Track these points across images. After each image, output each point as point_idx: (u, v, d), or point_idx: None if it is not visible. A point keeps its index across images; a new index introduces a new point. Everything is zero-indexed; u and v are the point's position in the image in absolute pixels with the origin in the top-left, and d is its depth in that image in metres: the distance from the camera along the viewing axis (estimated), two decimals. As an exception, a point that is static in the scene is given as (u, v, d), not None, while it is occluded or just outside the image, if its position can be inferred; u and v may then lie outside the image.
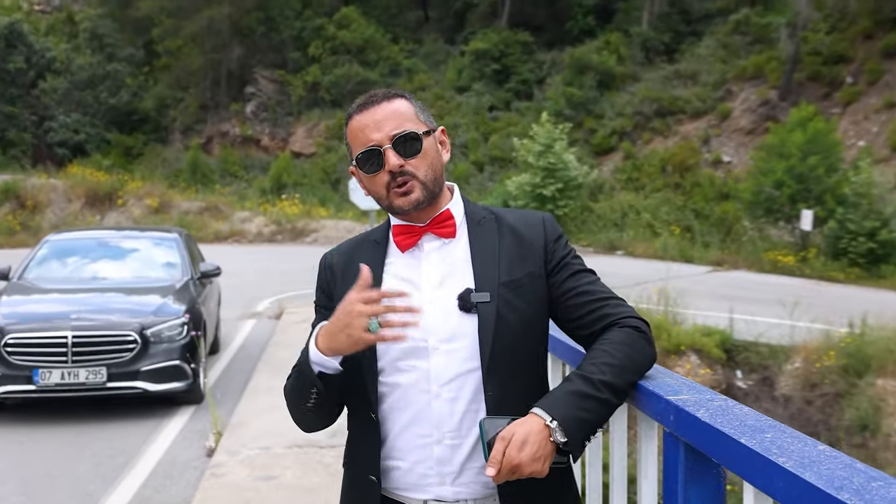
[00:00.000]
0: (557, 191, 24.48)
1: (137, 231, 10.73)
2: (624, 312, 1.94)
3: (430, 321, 1.94)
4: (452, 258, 2.01)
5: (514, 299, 1.95)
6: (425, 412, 1.93)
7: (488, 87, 34.42)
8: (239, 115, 37.04)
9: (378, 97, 2.00)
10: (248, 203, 28.82)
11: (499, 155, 30.67)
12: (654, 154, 28.56)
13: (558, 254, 2.02)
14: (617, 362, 1.83)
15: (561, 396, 1.78)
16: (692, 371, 12.42)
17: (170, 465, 6.64)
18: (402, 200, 1.96)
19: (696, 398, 1.72)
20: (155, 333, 7.88)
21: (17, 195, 28.08)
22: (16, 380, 7.49)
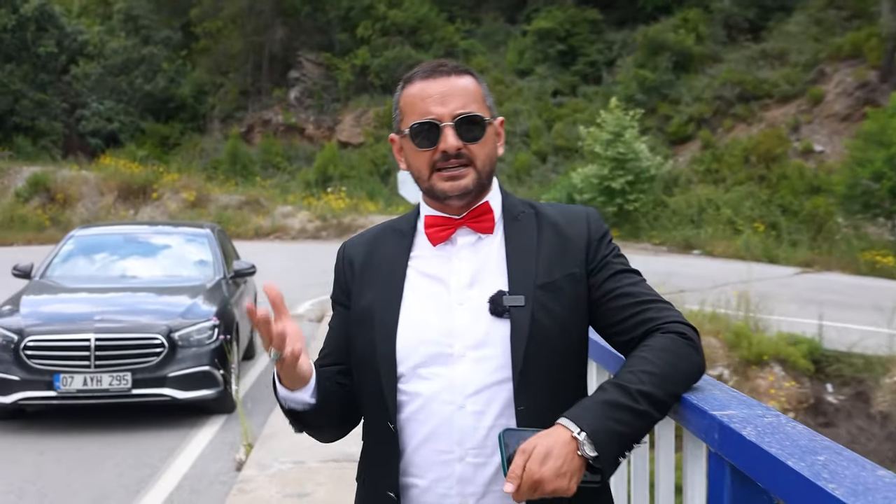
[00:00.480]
0: (627, 183, 24.32)
1: (167, 226, 10.89)
2: (669, 317, 1.90)
3: (457, 325, 1.92)
4: (486, 256, 1.99)
5: (552, 303, 1.92)
6: (447, 426, 1.90)
7: (552, 69, 34.24)
8: (282, 101, 37.42)
9: (447, 68, 1.99)
10: (290, 197, 29.12)
11: (563, 144, 30.53)
12: (736, 143, 28.21)
13: (600, 253, 1.99)
14: (658, 371, 1.78)
15: (592, 406, 1.74)
16: (776, 383, 12.27)
17: (197, 478, 6.72)
18: (449, 185, 1.95)
19: (745, 414, 1.66)
20: (183, 337, 7.98)
21: (47, 188, 28.80)
22: (36, 385, 7.66)
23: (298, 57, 38.15)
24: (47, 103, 37.82)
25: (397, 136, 2.05)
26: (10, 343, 7.72)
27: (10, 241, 25.81)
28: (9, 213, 27.83)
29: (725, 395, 1.80)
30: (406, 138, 1.99)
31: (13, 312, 8.09)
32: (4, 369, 7.70)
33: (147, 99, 38.54)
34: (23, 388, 7.68)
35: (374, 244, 2.10)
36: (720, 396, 1.79)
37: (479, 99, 1.99)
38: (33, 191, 28.85)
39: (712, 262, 20.98)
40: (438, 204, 2.02)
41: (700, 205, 25.70)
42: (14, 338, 7.73)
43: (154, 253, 9.87)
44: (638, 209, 24.83)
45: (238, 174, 32.07)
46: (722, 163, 27.75)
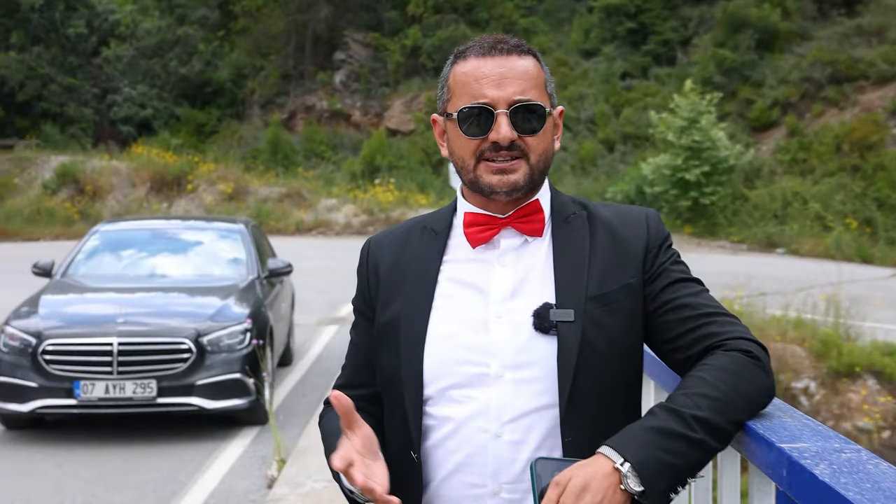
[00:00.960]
0: (703, 175, 24.13)
1: (197, 221, 10.96)
2: (733, 332, 1.80)
3: (495, 341, 1.85)
4: (532, 262, 1.91)
5: (605, 318, 1.84)
6: (480, 456, 1.83)
7: (621, 50, 33.96)
8: (326, 86, 37.61)
9: (507, 45, 1.91)
10: (335, 189, 29.26)
11: (632, 132, 30.32)
12: (826, 130, 27.82)
13: (659, 260, 1.90)
14: (718, 394, 1.69)
15: (639, 433, 1.66)
16: (869, 398, 12.11)
17: (225, 496, 6.73)
18: (497, 179, 1.87)
19: (819, 447, 1.56)
20: (212, 341, 8.01)
21: (76, 179, 29.30)
22: (55, 393, 7.74)
23: (344, 37, 38.29)
24: (77, 88, 38.48)
25: (441, 118, 1.98)
26: (27, 347, 7.81)
27: (37, 236, 26.33)
28: (35, 205, 28.37)
29: (797, 424, 1.70)
30: (452, 122, 1.91)
31: (31, 314, 8.19)
32: (22, 375, 7.79)
33: (182, 83, 39.01)
34: (41, 396, 7.76)
35: (402, 244, 2.02)
36: (791, 425, 1.69)
37: (541, 84, 1.91)
38: (61, 182, 29.36)
39: (798, 262, 20.77)
40: (481, 200, 1.93)
41: (785, 198, 25.38)
42: (32, 341, 7.82)
43: (183, 250, 9.93)
44: (715, 203, 24.58)
45: (279, 164, 32.31)
46: (810, 152, 27.38)
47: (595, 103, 32.10)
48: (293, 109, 37.45)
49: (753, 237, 23.97)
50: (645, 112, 28.90)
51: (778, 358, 12.31)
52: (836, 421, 11.91)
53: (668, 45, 33.85)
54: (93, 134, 38.37)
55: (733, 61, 30.55)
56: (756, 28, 31.18)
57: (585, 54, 34.80)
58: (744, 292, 14.54)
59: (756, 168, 26.96)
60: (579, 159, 30.02)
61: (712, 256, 21.66)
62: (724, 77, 30.40)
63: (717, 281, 15.75)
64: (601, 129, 31.26)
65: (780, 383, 11.98)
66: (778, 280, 17.12)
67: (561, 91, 33.09)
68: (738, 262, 19.73)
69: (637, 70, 33.55)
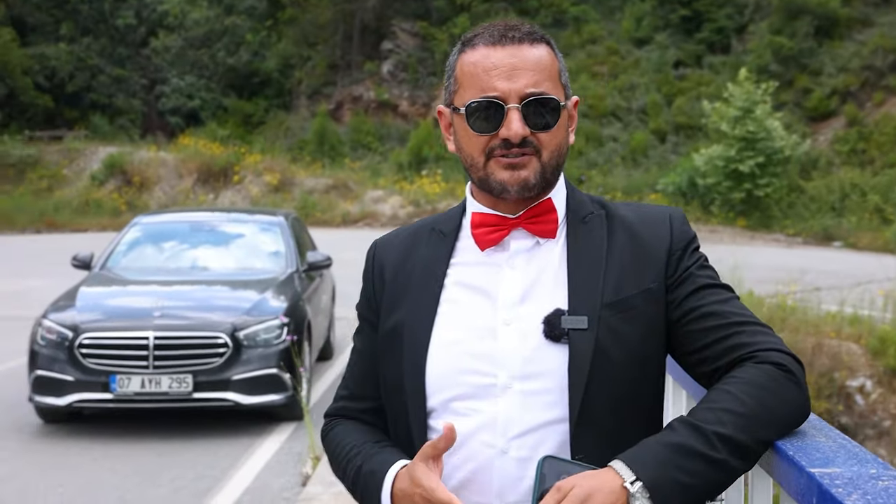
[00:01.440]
0: (758, 166, 24.02)
1: (238, 213, 10.97)
2: (765, 343, 1.68)
3: (502, 349, 1.74)
4: (544, 265, 1.81)
5: (622, 327, 1.73)
6: (485, 473, 1.73)
7: (674, 38, 33.79)
8: (374, 76, 37.68)
9: (519, 33, 1.79)
10: (382, 180, 29.33)
11: (685, 122, 30.16)
12: (887, 119, 27.62)
13: (683, 263, 1.78)
14: (745, 410, 1.57)
15: (655, 449, 1.55)
16: None
17: (259, 493, 6.69)
18: (508, 175, 1.76)
19: (853, 473, 1.42)
20: (249, 336, 7.97)
21: (124, 170, 29.65)
22: (91, 387, 7.74)
23: (392, 27, 38.34)
24: (125, 79, 38.95)
25: (447, 110, 1.86)
26: (64, 340, 7.83)
27: (85, 227, 26.67)
28: (84, 196, 28.77)
29: (833, 445, 1.56)
30: (460, 116, 1.80)
31: (68, 307, 8.21)
32: (59, 369, 7.80)
33: (230, 74, 39.34)
34: (77, 390, 7.77)
35: (409, 247, 1.92)
36: (825, 446, 1.55)
37: (555, 75, 1.80)
38: (109, 173, 29.73)
39: (855, 256, 20.59)
40: (491, 199, 1.83)
41: (843, 190, 25.22)
42: (69, 335, 7.83)
43: (221, 243, 9.92)
44: (770, 195, 24.44)
45: (325, 155, 32.46)
46: (870, 142, 27.16)
47: (647, 93, 31.92)
48: (340, 100, 37.58)
49: (809, 230, 23.80)
50: (698, 102, 28.71)
51: (833, 355, 12.09)
52: (893, 421, 11.71)
53: (723, 32, 33.58)
54: (141, 125, 38.84)
55: (790, 49, 30.24)
56: (815, 14, 30.89)
57: (637, 43, 34.60)
58: (797, 287, 14.31)
59: (813, 159, 26.72)
60: (630, 150, 29.83)
61: (766, 250, 21.46)
62: (781, 65, 30.10)
63: (770, 275, 15.54)
64: (653, 119, 31.07)
65: (834, 381, 11.77)
66: (834, 275, 16.86)
67: (612, 81, 32.86)
68: (792, 256, 19.47)
69: (690, 58, 33.32)
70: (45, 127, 36.39)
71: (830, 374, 11.93)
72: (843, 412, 11.83)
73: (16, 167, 30.53)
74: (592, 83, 32.82)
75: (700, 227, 24.46)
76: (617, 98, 32.01)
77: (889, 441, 11.72)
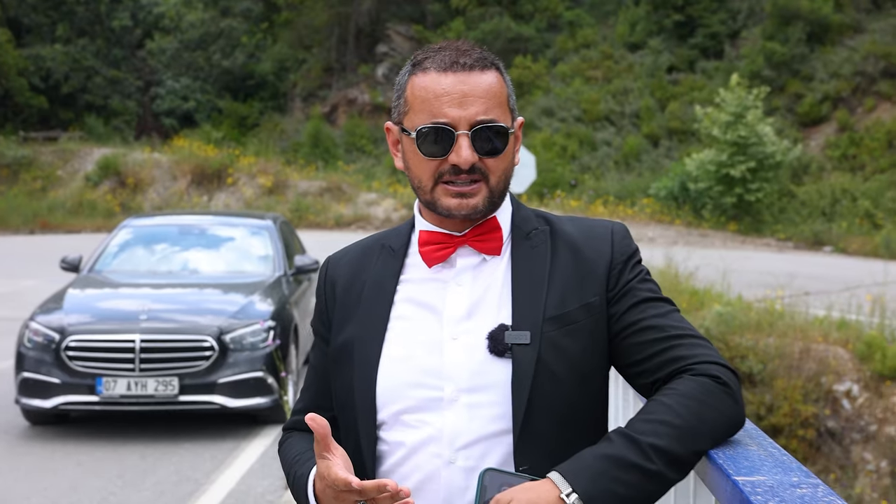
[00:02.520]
0: (749, 171, 24.06)
1: (226, 217, 11.01)
2: (702, 356, 1.72)
3: (449, 364, 1.79)
4: (489, 282, 1.85)
5: (564, 341, 1.78)
6: (433, 482, 1.78)
7: (668, 43, 33.86)
8: (369, 79, 37.73)
9: (470, 60, 1.82)
10: (375, 183, 29.37)
11: (678, 126, 30.26)
12: (878, 125, 27.70)
13: (624, 277, 1.82)
14: (680, 422, 1.61)
15: (592, 461, 1.60)
16: None
17: (242, 496, 6.73)
18: (456, 202, 1.80)
19: (776, 481, 1.48)
20: (235, 339, 8.02)
21: (118, 171, 29.66)
22: (77, 389, 7.78)
23: (387, 30, 38.40)
24: (120, 81, 38.96)
25: (396, 128, 1.89)
26: (50, 343, 7.87)
27: (79, 228, 26.67)
28: (77, 197, 28.77)
29: (762, 454, 1.61)
30: (409, 139, 1.83)
31: (55, 309, 8.25)
32: (45, 371, 7.84)
33: (225, 76, 39.38)
34: (64, 392, 7.81)
35: (360, 263, 1.97)
36: (754, 455, 1.61)
37: (504, 101, 1.84)
38: (103, 174, 29.73)
39: (845, 261, 20.60)
40: (437, 218, 1.87)
41: (834, 195, 25.28)
42: (55, 337, 7.87)
43: (209, 247, 9.96)
44: (761, 200, 24.49)
45: (319, 158, 32.50)
46: (861, 148, 27.25)
47: (640, 97, 31.98)
48: (335, 102, 37.63)
49: (800, 235, 23.86)
50: (691, 106, 28.79)
51: (820, 360, 12.14)
52: (880, 425, 11.75)
53: (716, 38, 33.66)
54: (135, 126, 38.87)
55: (783, 55, 30.33)
56: (807, 20, 30.97)
57: (631, 47, 34.66)
58: (785, 292, 14.36)
59: (804, 164, 26.81)
60: (623, 154, 29.91)
61: (757, 254, 21.52)
62: (774, 71, 30.20)
63: (760, 280, 15.60)
64: (646, 123, 31.13)
65: (821, 385, 11.82)
66: (823, 279, 16.92)
67: (606, 85, 32.91)
68: (782, 261, 19.52)
69: (684, 63, 33.40)
70: (40, 128, 36.40)
71: (818, 379, 11.98)
72: (830, 416, 11.88)
73: (10, 168, 30.52)
74: (586, 87, 32.87)
75: (691, 231, 24.53)
76: (610, 102, 32.08)
77: (875, 445, 11.77)
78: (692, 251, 17.44)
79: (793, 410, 11.43)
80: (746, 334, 12.08)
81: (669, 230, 24.32)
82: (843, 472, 11.40)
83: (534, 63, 34.68)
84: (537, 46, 36.02)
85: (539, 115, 32.15)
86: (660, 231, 24.09)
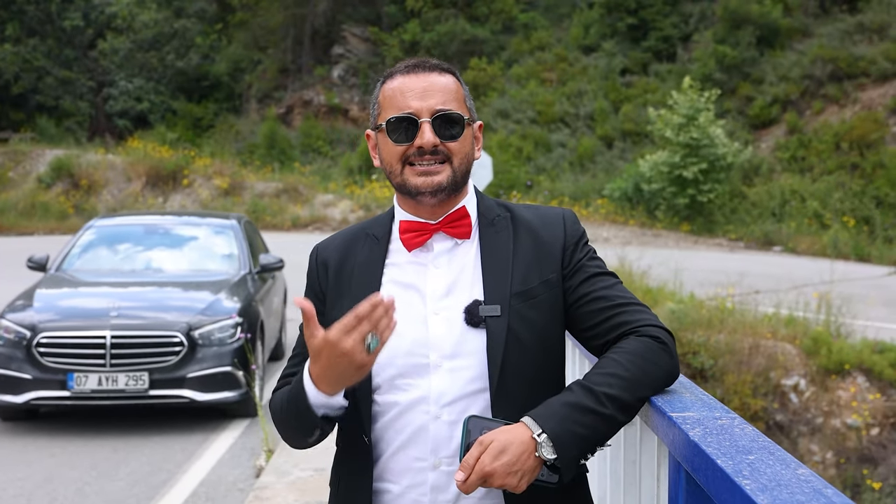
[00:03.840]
0: (701, 172, 24.40)
1: (191, 217, 11.25)
2: (643, 320, 2.08)
3: (433, 335, 2.12)
4: (463, 263, 2.18)
5: (529, 312, 2.11)
6: (422, 434, 2.11)
7: (621, 45, 34.25)
8: (324, 80, 37.87)
9: (430, 64, 2.18)
10: (332, 184, 29.51)
11: (632, 128, 30.55)
12: (826, 127, 28.01)
13: (576, 256, 2.18)
14: (628, 374, 1.96)
15: (557, 407, 1.93)
16: (858, 395, 12.25)
17: (214, 485, 7.02)
18: (422, 180, 2.13)
19: (703, 416, 1.84)
20: (204, 335, 8.30)
21: (71, 173, 29.56)
22: (48, 385, 8.03)
23: (343, 31, 38.56)
24: (72, 81, 38.76)
25: (373, 132, 2.23)
26: (22, 339, 8.10)
27: (32, 230, 26.60)
28: (30, 199, 28.63)
29: (692, 398, 1.99)
30: (382, 132, 2.17)
31: (26, 307, 8.48)
32: (16, 367, 8.07)
33: (179, 77, 39.31)
34: (35, 388, 8.05)
35: (348, 249, 2.28)
36: (687, 399, 1.98)
37: (460, 98, 2.18)
38: (56, 176, 29.62)
39: (794, 260, 20.98)
40: (412, 206, 2.20)
41: (783, 196, 25.62)
42: (26, 334, 8.11)
43: (175, 245, 10.22)
44: (712, 201, 24.86)
45: (275, 159, 32.58)
46: (809, 149, 27.55)
47: (594, 99, 32.29)
48: (290, 104, 37.71)
49: (751, 235, 24.20)
50: (645, 109, 29.08)
51: (769, 355, 12.48)
52: (825, 418, 12.08)
53: (669, 41, 34.06)
54: (88, 127, 38.66)
55: (734, 58, 30.77)
56: (757, 24, 31.43)
57: (585, 50, 35.00)
58: (735, 290, 14.76)
59: (755, 166, 27.13)
60: (578, 156, 30.20)
61: (708, 254, 21.88)
62: (725, 74, 30.63)
63: (711, 279, 15.97)
64: (600, 125, 31.44)
65: (770, 380, 12.14)
66: (773, 278, 17.27)
67: (560, 87, 33.33)
68: (733, 260, 19.92)
69: (637, 66, 33.77)
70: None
71: (766, 374, 12.28)
72: (779, 409, 12.21)
73: (-40, 170, 30.36)
74: (541, 89, 33.21)
75: (645, 231, 24.92)
76: (565, 104, 32.41)
77: (821, 437, 12.11)
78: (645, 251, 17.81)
79: (743, 404, 11.70)
80: (698, 331, 12.38)
81: (624, 230, 24.65)
82: (791, 464, 11.77)
83: (489, 65, 35.01)
84: (492, 48, 36.36)
85: (494, 117, 32.44)
86: (614, 231, 24.44)
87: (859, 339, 12.82)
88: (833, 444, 11.95)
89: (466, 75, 34.27)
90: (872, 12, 31.27)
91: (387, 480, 2.16)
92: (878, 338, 12.87)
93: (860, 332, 13.09)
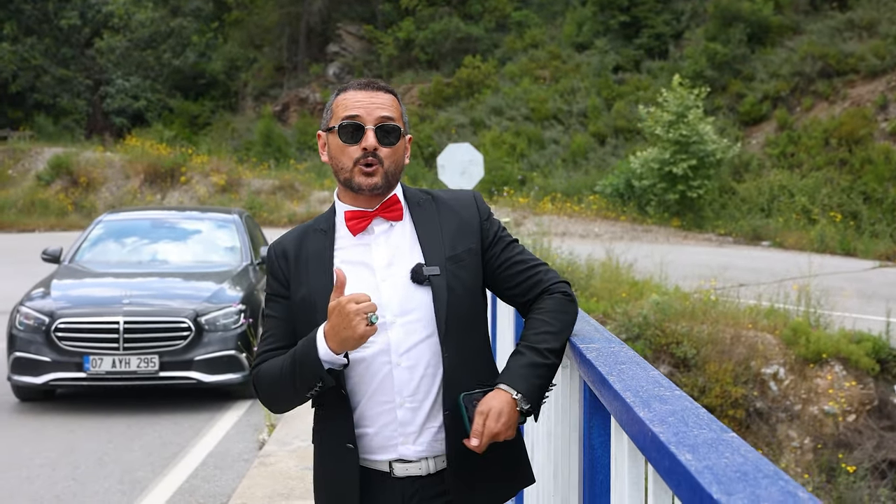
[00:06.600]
0: (690, 168, 24.86)
1: (195, 212, 11.95)
2: (552, 279, 2.75)
3: (384, 298, 2.68)
4: (399, 239, 2.76)
5: (459, 272, 2.72)
6: (387, 381, 2.64)
7: (613, 43, 34.78)
8: (320, 78, 38.45)
9: (378, 85, 2.78)
10: (327, 181, 30.03)
11: (624, 125, 31.00)
12: (815, 124, 28.29)
13: (492, 230, 2.81)
14: (555, 329, 2.65)
15: (519, 370, 2.58)
16: (836, 383, 12.67)
17: (221, 456, 7.72)
18: (364, 180, 2.68)
19: (602, 346, 2.56)
20: (210, 321, 9.02)
21: (70, 171, 30.17)
22: (66, 367, 8.76)
23: (338, 30, 39.12)
24: (70, 80, 39.37)
25: (324, 133, 2.81)
26: (41, 325, 8.84)
27: (32, 227, 27.22)
28: (30, 197, 29.25)
29: (596, 333, 2.72)
30: (333, 134, 2.73)
31: (45, 296, 9.22)
32: (36, 350, 8.81)
33: (176, 75, 39.92)
34: (53, 370, 8.79)
35: (300, 243, 2.76)
36: (590, 332, 2.71)
37: (399, 115, 2.77)
38: (55, 174, 30.21)
39: (781, 255, 21.35)
40: (353, 199, 2.77)
41: (772, 192, 26.02)
42: (45, 320, 8.84)
43: (181, 238, 10.94)
44: (702, 196, 25.33)
45: (271, 157, 33.14)
46: (799, 146, 27.85)
47: (587, 96, 32.75)
48: (286, 102, 38.27)
49: (740, 230, 24.61)
50: (636, 106, 29.45)
51: (750, 345, 12.90)
52: (803, 405, 12.53)
53: (661, 38, 34.47)
54: (86, 125, 39.25)
55: (725, 55, 31.10)
56: (748, 22, 31.75)
57: (578, 47, 35.46)
58: (721, 283, 15.26)
59: (745, 162, 27.44)
60: (571, 152, 30.62)
61: (697, 249, 22.34)
62: (716, 71, 30.99)
63: (697, 272, 16.52)
64: (592, 122, 31.88)
65: (750, 369, 12.51)
66: (757, 272, 17.75)
67: (554, 84, 33.88)
68: (719, 255, 20.35)
69: (629, 63, 34.20)
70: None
71: (747, 363, 12.67)
72: (759, 397, 12.62)
73: (-41, 168, 30.97)
74: (534, 87, 33.69)
75: (636, 227, 25.36)
76: (558, 101, 32.84)
77: (799, 424, 12.56)
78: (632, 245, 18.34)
79: (724, 392, 12.24)
80: (681, 322, 12.89)
81: (615, 226, 25.12)
82: (770, 449, 12.08)
83: (483, 63, 35.59)
84: (486, 46, 36.92)
85: (488, 114, 32.96)
86: (606, 227, 24.94)
87: (837, 330, 13.28)
88: (811, 430, 12.38)
89: (460, 73, 34.85)
90: (862, 9, 31.53)
91: (364, 426, 2.65)
92: (855, 328, 13.32)
93: (838, 322, 13.58)
